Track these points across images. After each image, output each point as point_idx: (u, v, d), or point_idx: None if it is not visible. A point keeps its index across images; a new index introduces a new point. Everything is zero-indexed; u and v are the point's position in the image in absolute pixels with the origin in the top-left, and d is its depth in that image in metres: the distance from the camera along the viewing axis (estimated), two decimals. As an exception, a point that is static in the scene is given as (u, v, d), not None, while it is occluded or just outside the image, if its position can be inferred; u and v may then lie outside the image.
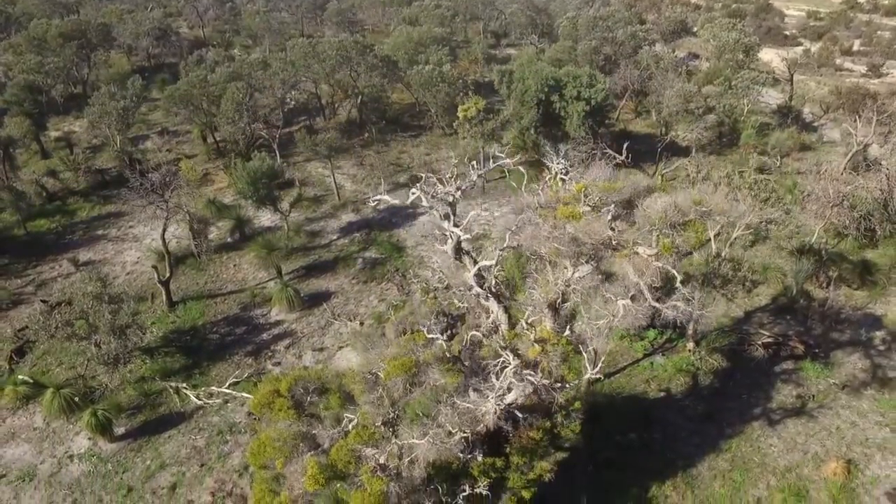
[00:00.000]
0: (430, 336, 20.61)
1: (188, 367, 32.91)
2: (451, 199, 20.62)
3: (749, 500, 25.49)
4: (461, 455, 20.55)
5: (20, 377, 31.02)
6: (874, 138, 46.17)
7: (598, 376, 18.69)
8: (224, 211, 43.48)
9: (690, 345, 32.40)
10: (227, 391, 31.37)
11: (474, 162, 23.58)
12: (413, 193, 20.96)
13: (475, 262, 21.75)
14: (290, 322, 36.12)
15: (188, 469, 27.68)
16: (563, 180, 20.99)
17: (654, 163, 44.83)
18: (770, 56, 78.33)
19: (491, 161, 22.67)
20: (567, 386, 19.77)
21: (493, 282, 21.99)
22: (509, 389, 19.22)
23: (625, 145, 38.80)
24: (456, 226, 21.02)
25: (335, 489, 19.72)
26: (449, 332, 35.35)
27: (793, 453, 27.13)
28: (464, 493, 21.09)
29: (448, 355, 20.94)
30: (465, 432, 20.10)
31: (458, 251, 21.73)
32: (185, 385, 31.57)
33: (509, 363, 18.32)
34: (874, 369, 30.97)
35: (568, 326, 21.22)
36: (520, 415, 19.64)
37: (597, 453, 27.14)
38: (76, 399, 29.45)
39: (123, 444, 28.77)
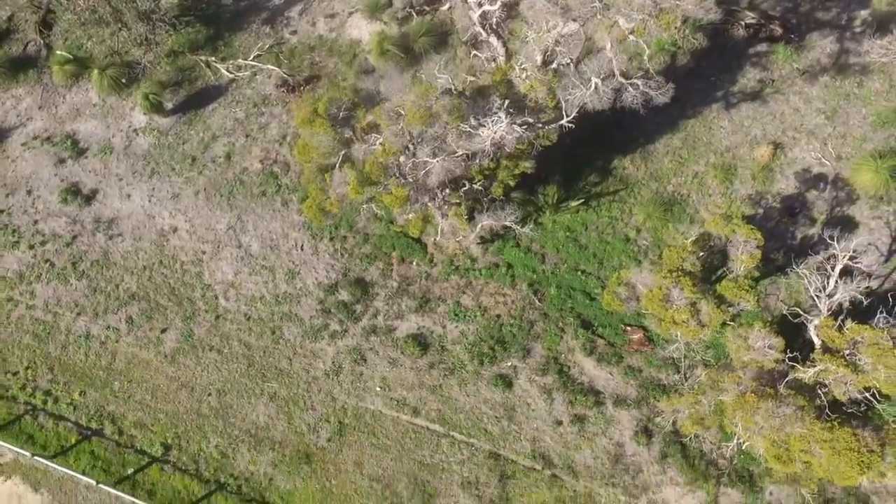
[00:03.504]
0: (440, 78, 26.10)
1: (212, 39, 37.60)
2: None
3: (689, 174, 34.05)
4: (463, 164, 28.20)
5: (60, 53, 36.10)
6: None
7: (571, 125, 24.91)
8: None
9: (677, 22, 36.62)
10: (253, 63, 36.84)
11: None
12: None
13: (480, 5, 25.62)
14: (298, -18, 39.04)
15: (236, 140, 35.44)
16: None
17: None
18: None
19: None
20: (548, 128, 26.22)
21: (495, 21, 26.21)
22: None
23: None
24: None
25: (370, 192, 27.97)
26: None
27: (736, 135, 34.58)
28: (464, 188, 29.55)
29: (454, 91, 26.76)
30: (466, 150, 27.41)
31: (465, -3, 25.36)
32: (213, 59, 36.90)
33: (503, 122, 24.42)
34: (839, 55, 36.03)
35: (554, 63, 26.50)
36: (508, 149, 26.58)
37: (574, 131, 34.52)
38: (123, 80, 35.32)
39: (175, 118, 35.84)
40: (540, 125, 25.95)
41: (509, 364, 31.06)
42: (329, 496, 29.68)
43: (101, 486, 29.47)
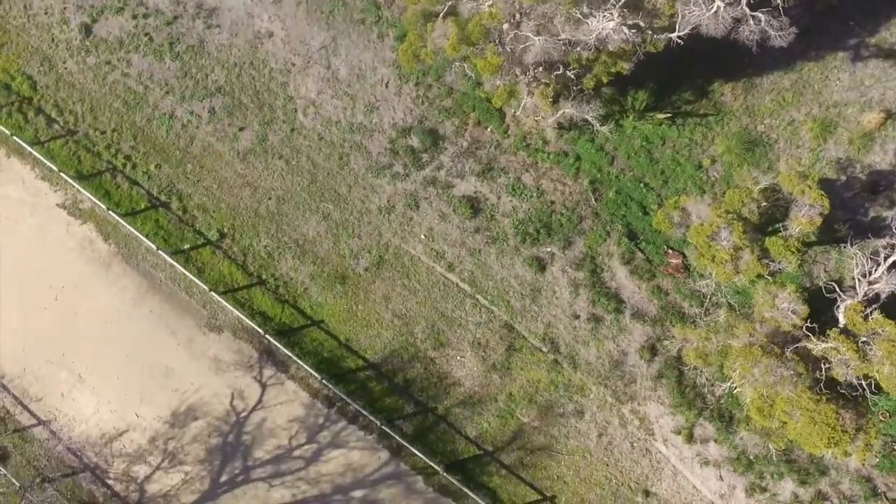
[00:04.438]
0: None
1: None
2: None
3: (785, 118, 33.32)
4: (563, 48, 28.33)
5: None
6: None
7: (679, 41, 24.69)
8: None
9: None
10: None
11: None
12: None
13: None
14: None
15: (348, -43, 35.46)
16: None
17: None
18: None
19: None
20: (657, 37, 25.94)
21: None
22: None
23: None
24: None
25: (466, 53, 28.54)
26: None
27: (851, 92, 33.20)
28: (557, 72, 29.79)
29: (576, -25, 26.39)
30: (570, 37, 27.49)
31: None
32: None
33: (613, 20, 24.33)
34: None
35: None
36: (611, 47, 26.55)
37: (685, 42, 33.60)
38: None
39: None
40: (650, 31, 25.77)
41: (548, 250, 32.88)
42: (353, 317, 33.08)
43: (160, 251, 33.27)
